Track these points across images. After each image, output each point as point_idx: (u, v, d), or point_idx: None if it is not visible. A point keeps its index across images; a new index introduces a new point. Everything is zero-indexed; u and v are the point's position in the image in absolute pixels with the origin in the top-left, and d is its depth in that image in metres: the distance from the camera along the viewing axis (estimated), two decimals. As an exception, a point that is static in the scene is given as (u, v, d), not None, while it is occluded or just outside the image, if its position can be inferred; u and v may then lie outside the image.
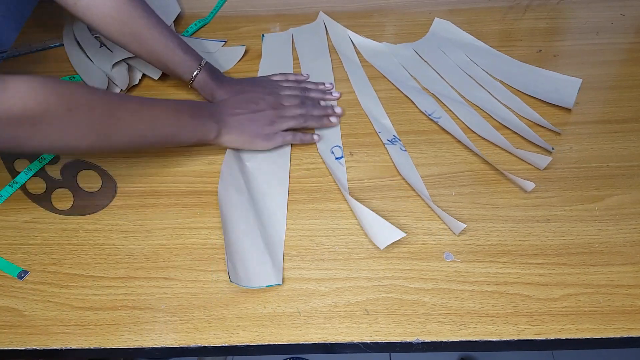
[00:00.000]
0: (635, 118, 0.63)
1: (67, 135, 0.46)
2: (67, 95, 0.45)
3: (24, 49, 0.77)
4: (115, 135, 0.50)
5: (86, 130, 0.47)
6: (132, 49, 0.61)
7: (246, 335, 0.47)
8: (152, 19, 0.60)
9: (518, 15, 0.79)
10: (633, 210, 0.54)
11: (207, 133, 0.57)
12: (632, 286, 0.48)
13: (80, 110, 0.46)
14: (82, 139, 0.47)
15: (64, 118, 0.45)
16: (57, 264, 0.53)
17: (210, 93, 0.64)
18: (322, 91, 0.67)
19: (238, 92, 0.63)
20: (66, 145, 0.47)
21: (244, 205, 0.56)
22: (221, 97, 0.63)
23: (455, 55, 0.73)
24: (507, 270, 0.50)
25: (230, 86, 0.64)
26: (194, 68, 0.63)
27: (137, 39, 0.60)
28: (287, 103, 0.62)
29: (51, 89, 0.44)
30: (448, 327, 0.47)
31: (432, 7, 0.81)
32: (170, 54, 0.61)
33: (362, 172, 0.60)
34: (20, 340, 0.48)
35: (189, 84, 0.64)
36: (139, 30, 0.59)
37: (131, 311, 0.49)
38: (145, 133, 0.52)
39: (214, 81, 0.63)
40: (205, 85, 0.64)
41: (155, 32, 0.60)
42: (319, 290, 0.50)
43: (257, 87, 0.64)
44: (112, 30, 0.59)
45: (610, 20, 0.76)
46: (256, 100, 0.61)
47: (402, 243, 0.53)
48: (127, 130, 0.50)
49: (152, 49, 0.61)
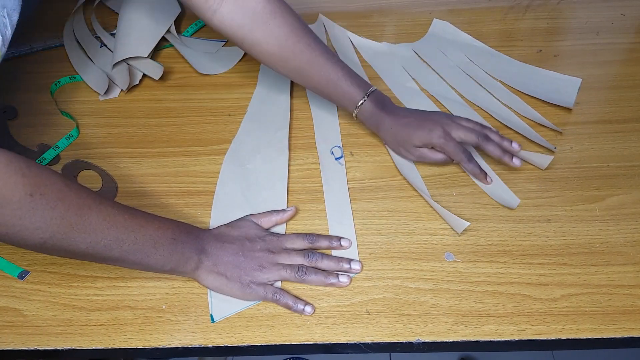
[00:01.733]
0: (636, 118, 0.63)
1: (19, 223, 0.40)
2: (32, 178, 0.40)
3: (24, 49, 0.77)
4: (75, 238, 0.42)
5: (42, 224, 0.41)
6: (297, 81, 0.61)
7: (247, 335, 0.47)
8: (314, 52, 0.58)
9: (518, 15, 0.79)
10: (634, 210, 0.54)
11: (184, 262, 0.48)
12: (632, 286, 0.48)
13: (43, 199, 0.40)
14: (35, 232, 0.41)
15: (22, 203, 0.39)
16: (58, 264, 0.53)
17: (375, 124, 0.60)
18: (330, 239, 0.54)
19: (405, 124, 0.57)
20: (14, 234, 0.41)
21: (243, 206, 0.56)
22: (386, 128, 0.58)
23: (454, 56, 0.73)
24: (507, 270, 0.50)
25: (396, 116, 0.58)
26: (359, 99, 0.58)
27: (300, 75, 0.59)
28: (290, 245, 0.52)
29: (16, 168, 0.40)
30: (449, 327, 0.47)
31: (432, 7, 0.81)
32: (332, 86, 0.58)
33: (362, 172, 0.60)
34: (21, 340, 0.48)
35: (353, 115, 0.60)
36: (301, 66, 0.58)
37: (132, 311, 0.49)
38: (112, 245, 0.44)
39: (381, 111, 0.58)
40: (370, 116, 0.59)
41: (316, 66, 0.58)
42: (319, 290, 0.50)
43: (434, 116, 0.57)
44: (278, 67, 0.59)
45: (610, 20, 0.76)
46: (253, 237, 0.51)
47: (402, 243, 0.53)
48: (91, 235, 0.43)
49: (315, 83, 0.59)
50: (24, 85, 0.72)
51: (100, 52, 0.75)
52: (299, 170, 0.60)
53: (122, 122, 0.67)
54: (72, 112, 0.68)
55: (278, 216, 0.54)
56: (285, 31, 0.56)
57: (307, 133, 0.65)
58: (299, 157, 0.62)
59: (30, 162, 0.41)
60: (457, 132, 0.56)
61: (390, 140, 0.59)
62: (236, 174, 0.60)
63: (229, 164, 0.61)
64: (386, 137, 0.60)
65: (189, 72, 0.74)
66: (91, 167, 0.62)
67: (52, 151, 0.63)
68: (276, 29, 0.56)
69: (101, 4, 0.84)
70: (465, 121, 0.58)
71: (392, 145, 0.60)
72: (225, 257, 0.49)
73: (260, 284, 0.49)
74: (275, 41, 0.57)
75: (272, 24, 0.56)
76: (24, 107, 0.69)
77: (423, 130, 0.56)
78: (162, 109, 0.69)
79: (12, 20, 0.47)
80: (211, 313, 0.49)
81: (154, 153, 0.63)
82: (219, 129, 0.66)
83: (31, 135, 0.65)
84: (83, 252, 0.44)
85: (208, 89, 0.71)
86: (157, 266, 0.47)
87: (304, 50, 0.57)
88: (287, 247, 0.52)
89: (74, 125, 0.66)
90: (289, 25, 0.57)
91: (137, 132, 0.66)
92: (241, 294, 0.49)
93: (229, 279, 0.49)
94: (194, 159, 0.62)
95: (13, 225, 0.40)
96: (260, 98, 0.69)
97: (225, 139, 0.64)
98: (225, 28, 0.57)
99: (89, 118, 0.68)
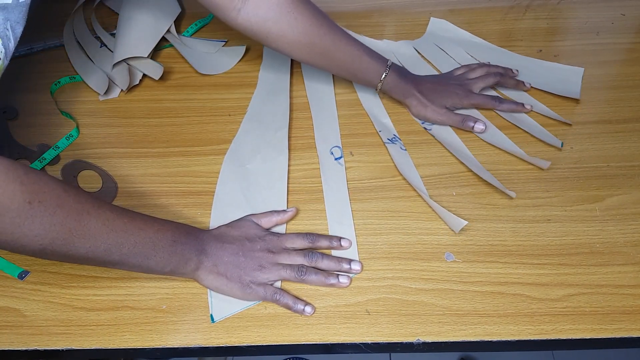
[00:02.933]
0: (636, 118, 0.63)
1: (18, 231, 0.40)
2: (30, 185, 0.40)
3: (24, 49, 0.77)
4: (74, 243, 0.42)
5: (41, 230, 0.41)
6: (321, 65, 0.62)
7: (247, 335, 0.47)
8: (336, 33, 0.60)
9: (518, 15, 0.79)
10: (634, 210, 0.54)
11: (184, 264, 0.48)
12: (632, 286, 0.48)
13: (42, 206, 0.40)
14: (35, 239, 0.41)
15: (21, 211, 0.39)
16: (58, 265, 0.53)
17: (401, 92, 0.64)
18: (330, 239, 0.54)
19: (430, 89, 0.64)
20: (13, 242, 0.41)
21: (243, 206, 0.56)
22: (411, 94, 0.63)
23: (455, 53, 0.73)
24: (507, 270, 0.50)
25: (419, 83, 0.64)
26: (382, 71, 0.62)
27: (326, 57, 0.61)
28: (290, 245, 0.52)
29: (14, 176, 0.39)
30: (449, 327, 0.47)
31: (432, 7, 0.81)
32: (357, 62, 0.61)
33: (362, 172, 0.60)
34: (21, 340, 0.48)
35: (377, 88, 0.64)
36: (326, 48, 0.60)
37: (132, 311, 0.49)
38: (111, 249, 0.44)
39: (403, 79, 0.63)
40: (394, 86, 0.64)
41: (341, 46, 0.60)
42: (319, 290, 0.50)
43: (445, 81, 0.66)
44: (304, 54, 0.61)
45: (610, 20, 0.76)
46: (252, 237, 0.52)
47: (402, 243, 0.53)
48: (90, 240, 0.43)
49: (340, 63, 0.61)
50: (24, 85, 0.72)
51: (100, 52, 0.75)
52: (299, 170, 0.60)
53: (122, 122, 0.67)
54: (72, 112, 0.68)
55: (278, 217, 0.54)
56: (308, 17, 0.58)
57: (307, 133, 0.65)
58: (299, 157, 0.62)
59: (29, 169, 0.41)
60: (477, 84, 0.65)
61: (416, 104, 0.64)
62: (236, 174, 0.60)
63: (229, 164, 0.61)
64: (412, 103, 0.64)
65: (189, 72, 0.74)
66: (91, 167, 0.62)
67: (52, 151, 0.63)
68: (300, 17, 0.58)
69: (101, 4, 0.84)
70: (479, 69, 0.67)
71: (419, 109, 0.64)
72: (225, 257, 0.49)
73: (260, 284, 0.49)
74: (300, 29, 0.58)
75: (296, 13, 0.58)
76: (24, 107, 0.69)
77: (449, 94, 0.64)
78: (162, 109, 0.69)
79: (15, 33, 0.47)
80: (211, 313, 0.49)
81: (154, 153, 0.63)
82: (219, 129, 0.66)
83: (31, 135, 0.65)
84: (83, 256, 0.44)
85: (208, 89, 0.71)
86: (157, 268, 0.47)
87: (327, 33, 0.59)
88: (287, 247, 0.52)
89: (74, 125, 0.66)
90: (309, 11, 0.59)
91: (137, 132, 0.66)
92: (241, 294, 0.49)
93: (229, 279, 0.49)
94: (194, 159, 0.62)
95: (12, 233, 0.40)
96: (260, 98, 0.69)
97: (225, 139, 0.64)
98: (251, 25, 0.58)
99: (89, 118, 0.68)
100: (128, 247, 0.45)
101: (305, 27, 0.58)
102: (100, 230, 0.43)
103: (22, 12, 0.46)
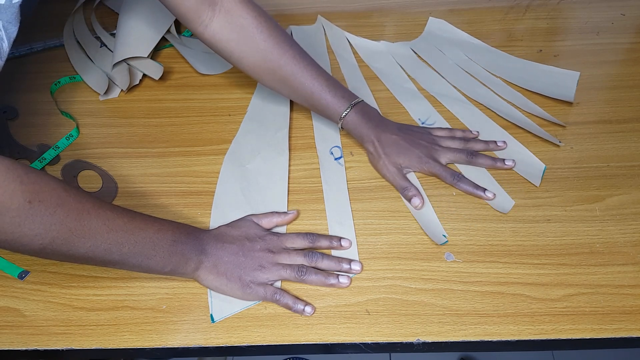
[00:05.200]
0: (636, 118, 0.63)
1: (18, 230, 0.40)
2: (30, 185, 0.40)
3: (24, 49, 0.77)
4: (74, 242, 0.42)
5: (42, 230, 0.41)
6: (283, 92, 0.62)
7: (247, 335, 0.47)
8: (300, 63, 0.59)
9: (518, 15, 0.79)
10: (634, 210, 0.54)
11: (184, 264, 0.48)
12: (632, 286, 0.48)
13: (42, 206, 0.40)
14: (35, 238, 0.41)
15: (21, 210, 0.39)
16: (58, 265, 0.53)
17: (359, 136, 0.60)
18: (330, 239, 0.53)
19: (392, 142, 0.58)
20: (14, 241, 0.41)
21: (243, 206, 0.56)
22: (370, 140, 0.59)
23: (452, 54, 0.73)
24: (507, 270, 0.50)
25: (383, 131, 0.59)
26: (342, 110, 0.59)
27: (286, 86, 0.60)
28: (290, 245, 0.52)
29: (14, 175, 0.39)
30: (449, 327, 0.47)
31: (432, 7, 0.81)
32: (317, 96, 0.59)
33: (362, 172, 0.60)
34: (21, 340, 0.48)
35: (338, 125, 0.61)
36: (287, 77, 0.59)
37: (132, 311, 0.49)
38: (111, 248, 0.44)
39: (366, 123, 0.59)
40: (354, 127, 0.60)
41: (301, 77, 0.59)
42: (319, 290, 0.50)
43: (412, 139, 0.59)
44: (265, 79, 0.60)
45: (610, 20, 0.76)
46: (253, 237, 0.52)
47: (402, 243, 0.53)
48: (91, 240, 0.43)
49: (300, 93, 0.60)
50: (24, 85, 0.72)
51: (100, 52, 0.75)
52: (299, 171, 0.60)
53: (122, 122, 0.67)
54: (72, 112, 0.68)
55: (279, 218, 0.54)
56: (270, 44, 0.58)
57: (307, 133, 0.65)
58: (299, 157, 0.62)
59: (29, 169, 0.41)
60: (445, 155, 0.59)
61: (371, 152, 0.59)
62: (236, 174, 0.60)
63: (229, 164, 0.61)
64: (368, 149, 0.60)
65: (189, 72, 0.74)
66: (91, 167, 0.62)
67: (52, 151, 0.63)
68: (262, 43, 0.58)
69: (101, 4, 0.84)
70: (450, 140, 0.60)
71: (371, 158, 0.60)
72: (225, 257, 0.49)
73: (260, 284, 0.49)
74: (262, 54, 0.58)
75: (258, 38, 0.57)
76: (24, 107, 0.69)
77: (412, 155, 0.58)
78: (162, 109, 0.69)
79: (8, 33, 0.47)
80: (211, 313, 0.49)
81: (154, 153, 0.63)
82: (219, 129, 0.66)
83: (31, 135, 0.65)
84: (83, 256, 0.44)
85: (208, 89, 0.71)
86: (158, 268, 0.47)
87: (288, 62, 0.58)
88: (287, 247, 0.52)
89: (74, 125, 0.66)
90: (274, 38, 0.58)
91: (137, 132, 0.66)
92: (241, 294, 0.49)
93: (229, 279, 0.49)
94: (194, 159, 0.62)
95: (12, 232, 0.40)
96: (260, 98, 0.69)
97: (225, 139, 0.64)
98: (215, 42, 0.58)
99: (89, 118, 0.68)
100: (128, 246, 0.45)
101: (266, 52, 0.58)
102: (101, 229, 0.43)
103: (14, 12, 0.46)
